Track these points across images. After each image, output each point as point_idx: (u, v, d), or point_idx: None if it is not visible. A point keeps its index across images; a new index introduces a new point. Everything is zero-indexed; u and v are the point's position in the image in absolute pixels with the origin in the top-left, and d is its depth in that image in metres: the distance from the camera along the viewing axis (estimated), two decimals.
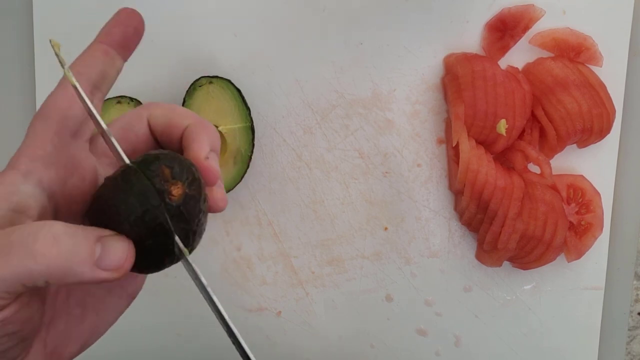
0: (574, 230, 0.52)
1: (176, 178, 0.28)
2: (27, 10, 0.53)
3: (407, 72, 0.53)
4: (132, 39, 0.35)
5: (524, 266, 0.52)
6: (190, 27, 0.53)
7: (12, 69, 0.54)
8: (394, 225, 0.54)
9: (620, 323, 0.56)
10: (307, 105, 0.53)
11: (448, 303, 0.55)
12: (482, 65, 0.50)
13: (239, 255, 0.54)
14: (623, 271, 0.55)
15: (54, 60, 0.53)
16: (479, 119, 0.49)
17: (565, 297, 0.55)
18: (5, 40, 0.54)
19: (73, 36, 0.53)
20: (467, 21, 0.53)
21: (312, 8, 0.53)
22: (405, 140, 0.54)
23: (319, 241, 0.54)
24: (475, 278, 0.54)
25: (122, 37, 0.34)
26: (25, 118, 0.54)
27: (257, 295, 0.55)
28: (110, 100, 0.51)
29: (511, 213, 0.49)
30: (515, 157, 0.52)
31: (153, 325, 0.55)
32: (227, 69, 0.53)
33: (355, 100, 0.53)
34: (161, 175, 0.28)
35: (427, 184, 0.54)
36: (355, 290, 0.55)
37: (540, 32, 0.52)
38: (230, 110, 0.51)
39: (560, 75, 0.50)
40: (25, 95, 0.54)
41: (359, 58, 0.53)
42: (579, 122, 0.50)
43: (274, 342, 0.55)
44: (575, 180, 0.53)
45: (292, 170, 0.54)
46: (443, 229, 0.54)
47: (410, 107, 0.53)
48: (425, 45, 0.53)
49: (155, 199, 0.27)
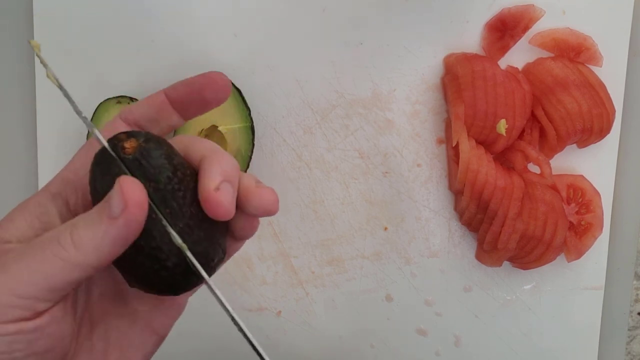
0: (574, 230, 0.52)
1: (133, 136, 0.28)
2: (27, 10, 0.53)
3: (407, 72, 0.53)
4: (193, 105, 0.33)
5: (524, 266, 0.52)
6: (190, 27, 0.53)
7: (12, 69, 0.54)
8: (394, 225, 0.54)
9: (620, 323, 0.56)
10: (307, 105, 0.53)
11: (448, 303, 0.55)
12: (482, 65, 0.50)
13: (239, 255, 0.54)
14: (623, 271, 0.55)
15: (54, 61, 0.53)
16: (479, 119, 0.49)
17: (565, 297, 0.55)
18: (5, 40, 0.54)
19: (73, 36, 0.53)
20: (467, 21, 0.53)
21: (312, 8, 0.53)
22: (405, 140, 0.54)
23: (319, 241, 0.54)
24: (475, 278, 0.55)
25: (184, 98, 0.32)
26: (25, 118, 0.54)
27: (257, 295, 0.55)
28: (110, 100, 0.51)
29: (511, 213, 0.49)
30: (515, 157, 0.52)
31: None
32: (227, 69, 0.53)
33: (355, 100, 0.53)
34: (121, 141, 0.28)
35: (427, 184, 0.54)
36: (355, 290, 0.55)
37: (540, 32, 0.52)
38: (230, 110, 0.51)
39: (560, 75, 0.50)
40: (25, 95, 0.54)
41: (359, 58, 0.53)
42: (579, 122, 0.50)
43: (274, 342, 0.55)
44: (575, 180, 0.53)
45: (292, 170, 0.54)
46: (443, 229, 0.54)
47: (410, 107, 0.53)
48: (425, 45, 0.53)
49: (113, 159, 0.28)
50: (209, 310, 0.54)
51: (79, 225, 0.26)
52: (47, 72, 0.30)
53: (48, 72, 0.30)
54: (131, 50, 0.53)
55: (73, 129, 0.53)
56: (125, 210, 0.26)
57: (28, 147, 0.54)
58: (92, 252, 0.26)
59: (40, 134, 0.53)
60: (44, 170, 0.53)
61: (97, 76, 0.52)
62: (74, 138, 0.53)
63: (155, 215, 0.27)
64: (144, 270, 0.28)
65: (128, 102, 0.51)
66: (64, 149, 0.53)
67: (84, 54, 0.52)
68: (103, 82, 0.52)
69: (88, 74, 0.53)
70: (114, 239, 0.26)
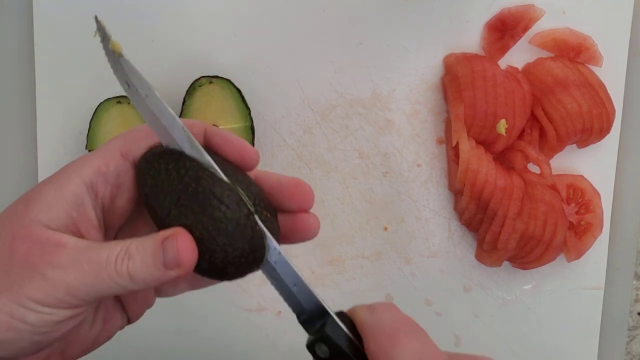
0: (574, 230, 0.52)
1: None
2: (27, 10, 0.53)
3: (407, 72, 0.53)
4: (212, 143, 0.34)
5: (524, 266, 0.52)
6: (190, 27, 0.53)
7: (12, 69, 0.54)
8: (394, 225, 0.54)
9: (620, 323, 0.56)
10: (307, 105, 0.54)
11: (448, 303, 0.55)
12: (482, 65, 0.50)
13: None
14: (623, 271, 0.55)
15: (54, 61, 0.53)
16: (479, 119, 0.49)
17: (565, 297, 0.55)
18: (5, 40, 0.54)
19: (73, 36, 0.53)
20: (467, 21, 0.53)
21: (312, 8, 0.53)
22: (405, 140, 0.54)
23: (319, 241, 0.54)
24: (475, 278, 0.55)
25: (204, 142, 0.34)
26: (25, 118, 0.54)
27: (257, 295, 0.55)
28: (110, 101, 0.51)
29: (511, 213, 0.49)
30: (515, 157, 0.52)
31: (153, 325, 0.55)
32: (227, 69, 0.53)
33: (355, 100, 0.53)
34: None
35: (427, 184, 0.54)
36: (356, 290, 0.55)
37: (540, 32, 0.52)
38: (230, 110, 0.51)
39: (560, 75, 0.50)
40: (25, 95, 0.54)
41: (359, 58, 0.53)
42: (579, 122, 0.50)
43: (274, 342, 0.55)
44: (575, 180, 0.53)
45: (292, 170, 0.54)
46: (443, 228, 0.54)
47: (410, 107, 0.53)
48: (425, 45, 0.53)
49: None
50: (208, 310, 0.54)
51: (135, 260, 0.30)
52: (112, 41, 0.31)
53: (113, 41, 0.31)
54: (131, 51, 0.52)
55: (73, 129, 0.53)
56: (179, 268, 0.29)
57: (28, 147, 0.54)
58: (143, 285, 0.30)
59: (40, 134, 0.53)
60: (44, 170, 0.53)
61: (97, 76, 0.52)
62: (74, 138, 0.53)
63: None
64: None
65: (128, 102, 0.51)
66: (64, 149, 0.53)
67: (84, 54, 0.52)
68: (103, 82, 0.52)
69: (88, 74, 0.53)
70: (163, 282, 0.30)
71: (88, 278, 0.29)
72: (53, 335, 0.30)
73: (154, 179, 0.31)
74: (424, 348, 0.29)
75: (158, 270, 0.29)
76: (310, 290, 0.32)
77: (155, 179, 0.31)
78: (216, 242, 0.29)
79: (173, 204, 0.30)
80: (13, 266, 0.29)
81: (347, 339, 0.31)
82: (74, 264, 0.29)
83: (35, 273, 0.29)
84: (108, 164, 0.32)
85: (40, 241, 0.29)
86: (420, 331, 0.30)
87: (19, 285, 0.29)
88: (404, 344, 0.29)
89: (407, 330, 0.30)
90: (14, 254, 0.29)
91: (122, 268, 0.29)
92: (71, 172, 0.31)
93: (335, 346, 0.30)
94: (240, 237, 0.30)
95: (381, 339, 0.29)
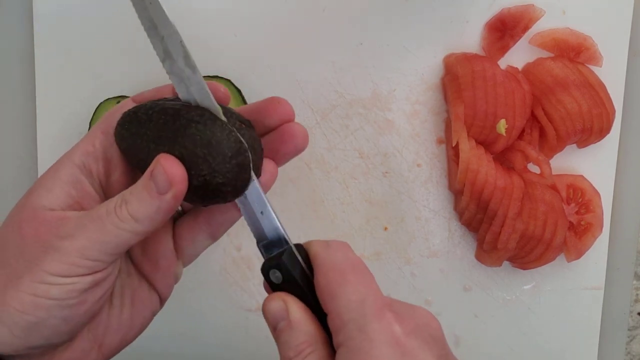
0: (574, 230, 0.52)
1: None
2: (27, 10, 0.53)
3: (407, 72, 0.53)
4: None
5: (524, 266, 0.52)
6: (190, 27, 0.53)
7: (12, 69, 0.54)
8: (394, 225, 0.54)
9: (620, 323, 0.56)
10: (307, 105, 0.54)
11: (448, 303, 0.55)
12: (482, 65, 0.50)
13: (239, 255, 0.54)
14: (623, 271, 0.55)
15: (53, 61, 0.53)
16: (479, 119, 0.49)
17: (565, 297, 0.55)
18: (6, 40, 0.54)
19: (73, 36, 0.53)
20: (467, 21, 0.53)
21: (312, 8, 0.53)
22: (405, 140, 0.54)
23: None
24: (475, 278, 0.55)
25: None
26: (25, 118, 0.54)
27: (257, 295, 0.55)
28: (110, 101, 0.51)
29: (511, 213, 0.49)
30: (515, 157, 0.52)
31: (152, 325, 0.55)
32: (227, 69, 0.53)
33: (355, 100, 0.53)
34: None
35: (427, 184, 0.54)
36: None
37: (540, 32, 0.52)
38: None
39: (560, 75, 0.50)
40: (25, 95, 0.54)
41: (359, 58, 0.53)
42: (578, 122, 0.50)
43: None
44: (575, 180, 0.53)
45: (292, 170, 0.54)
46: (443, 228, 0.54)
47: (410, 107, 0.53)
48: (425, 45, 0.53)
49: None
50: (208, 310, 0.54)
51: (131, 201, 0.31)
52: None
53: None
54: (131, 51, 0.53)
55: (73, 129, 0.53)
56: (172, 187, 0.30)
57: (28, 147, 0.54)
58: (148, 223, 0.31)
59: (40, 134, 0.53)
60: (44, 170, 0.53)
61: (97, 76, 0.52)
62: (74, 138, 0.53)
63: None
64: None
65: None
66: (64, 148, 0.53)
67: (84, 54, 0.52)
68: (103, 82, 0.52)
69: (88, 74, 0.53)
70: (165, 211, 0.31)
71: (95, 234, 0.31)
72: (81, 309, 0.31)
73: (129, 131, 0.33)
74: (368, 290, 0.31)
75: (156, 199, 0.30)
76: (275, 218, 0.34)
77: (129, 131, 0.33)
78: (197, 155, 0.31)
79: (151, 141, 0.32)
80: (26, 248, 0.31)
81: (301, 269, 0.33)
82: (79, 228, 0.31)
83: (47, 248, 0.31)
84: (93, 143, 0.34)
85: (45, 220, 0.32)
86: (368, 274, 0.32)
87: (35, 264, 0.30)
88: (350, 283, 0.31)
89: (356, 271, 0.32)
90: (24, 238, 0.31)
91: (123, 212, 0.31)
92: (63, 159, 0.34)
93: (289, 274, 0.32)
94: (218, 145, 0.31)
95: (330, 275, 0.31)
